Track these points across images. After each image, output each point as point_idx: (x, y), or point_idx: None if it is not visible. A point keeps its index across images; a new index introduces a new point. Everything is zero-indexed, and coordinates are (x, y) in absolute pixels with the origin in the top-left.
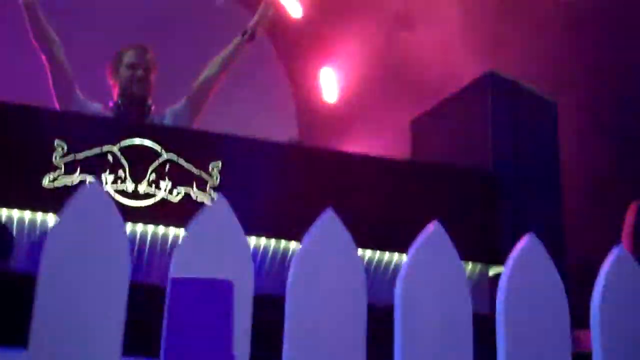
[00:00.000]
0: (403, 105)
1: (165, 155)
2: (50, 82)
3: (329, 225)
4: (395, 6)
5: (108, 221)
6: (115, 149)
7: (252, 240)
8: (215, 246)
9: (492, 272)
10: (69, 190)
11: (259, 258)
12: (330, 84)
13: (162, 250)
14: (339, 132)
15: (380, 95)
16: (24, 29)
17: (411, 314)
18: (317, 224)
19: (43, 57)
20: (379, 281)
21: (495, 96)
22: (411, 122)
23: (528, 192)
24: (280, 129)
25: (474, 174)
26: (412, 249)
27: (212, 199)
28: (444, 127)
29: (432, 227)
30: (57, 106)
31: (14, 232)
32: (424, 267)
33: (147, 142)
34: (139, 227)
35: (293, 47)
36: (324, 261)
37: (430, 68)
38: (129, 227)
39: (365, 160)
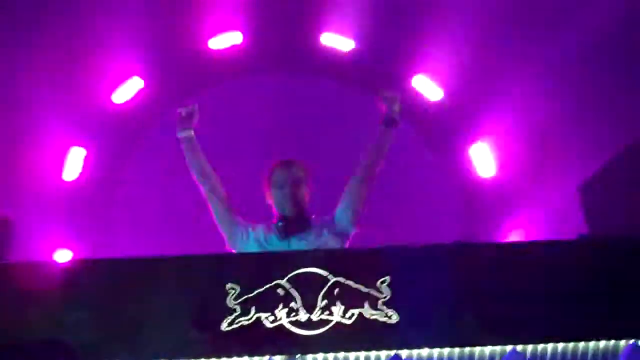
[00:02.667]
0: (567, 170)
1: (332, 279)
2: (211, 212)
3: None
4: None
5: None
6: (283, 281)
7: (435, 351)
8: None
9: None
10: (245, 330)
11: None
12: (484, 158)
13: None
14: (502, 205)
15: (541, 163)
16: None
17: None
18: None
19: (202, 189)
20: None
21: None
22: (580, 186)
23: None
24: (442, 215)
25: None
26: None
27: (386, 315)
28: (617, 188)
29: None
30: (221, 233)
31: None
32: None
33: (313, 269)
34: (320, 357)
35: (439, 130)
36: None
37: (591, 128)
38: (309, 357)
39: (535, 247)
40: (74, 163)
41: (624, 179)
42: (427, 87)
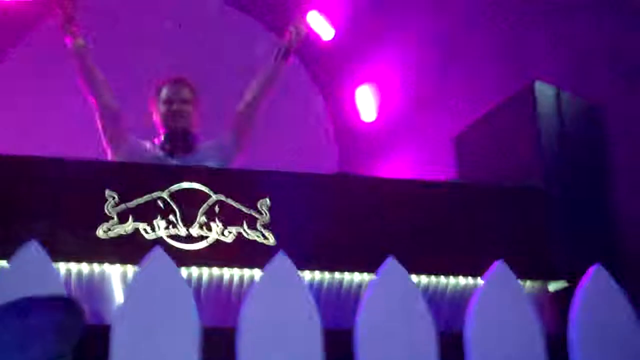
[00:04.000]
0: (445, 120)
1: (214, 197)
2: (99, 124)
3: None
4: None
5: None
6: (164, 194)
7: (307, 275)
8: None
9: (552, 287)
10: (123, 239)
11: (314, 292)
12: (367, 103)
13: (217, 292)
14: (380, 151)
15: (421, 111)
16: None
17: (483, 345)
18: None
19: (91, 100)
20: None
21: (540, 106)
22: (454, 137)
23: (580, 203)
24: (320, 154)
25: (523, 190)
26: (480, 290)
27: (264, 237)
28: (488, 141)
29: (496, 267)
30: (106, 148)
31: (72, 284)
32: (494, 305)
33: (195, 185)
34: (194, 270)
35: (327, 69)
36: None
37: (470, 81)
38: (184, 271)
39: (412, 184)
40: None
41: (496, 134)
42: (320, 25)
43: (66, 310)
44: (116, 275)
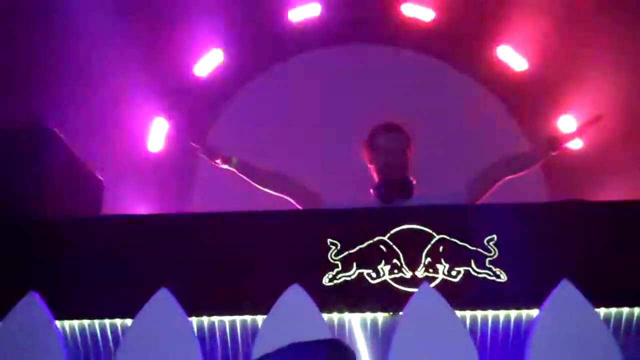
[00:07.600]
0: None
1: (437, 237)
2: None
3: None
4: None
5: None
6: (385, 238)
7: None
8: None
9: None
10: (348, 286)
11: None
12: (571, 131)
13: None
14: (589, 179)
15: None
16: None
17: None
18: None
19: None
20: None
21: None
22: None
23: None
24: (525, 185)
25: None
26: None
27: (494, 274)
28: None
29: None
30: None
31: None
32: None
33: (416, 226)
34: None
35: (526, 101)
36: None
37: None
38: None
39: None
40: (158, 134)
41: None
42: (512, 57)
43: (337, 351)
44: (354, 323)
